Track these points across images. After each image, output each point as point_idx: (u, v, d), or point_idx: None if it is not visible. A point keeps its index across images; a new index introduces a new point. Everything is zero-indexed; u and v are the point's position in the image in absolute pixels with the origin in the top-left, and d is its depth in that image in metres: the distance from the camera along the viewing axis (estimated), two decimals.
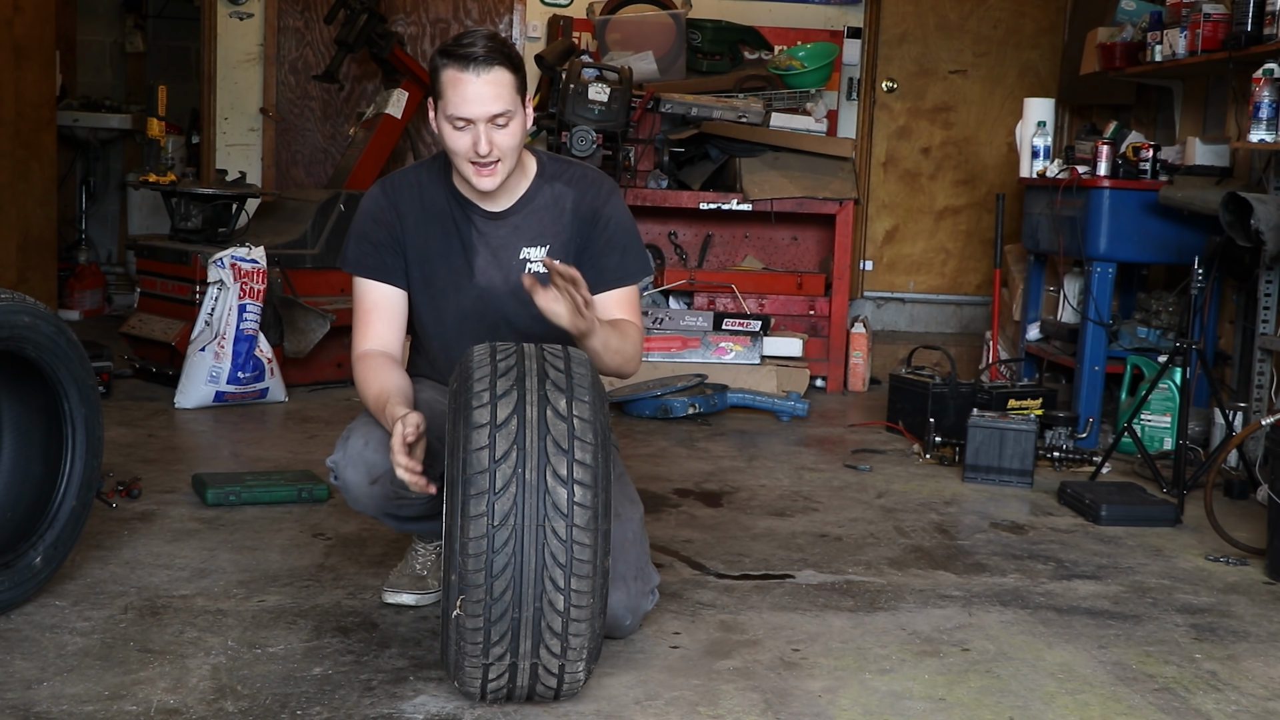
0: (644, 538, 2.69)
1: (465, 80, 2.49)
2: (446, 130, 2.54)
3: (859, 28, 7.02)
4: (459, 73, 2.50)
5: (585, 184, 2.70)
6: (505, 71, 2.51)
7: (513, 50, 2.57)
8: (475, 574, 2.12)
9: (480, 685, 2.23)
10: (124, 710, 2.24)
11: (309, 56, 7.08)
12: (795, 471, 4.40)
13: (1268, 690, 2.60)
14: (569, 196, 2.68)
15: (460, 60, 2.49)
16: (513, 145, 2.56)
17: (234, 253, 4.90)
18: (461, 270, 2.68)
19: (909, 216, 7.23)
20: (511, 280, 2.66)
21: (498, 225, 2.68)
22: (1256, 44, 4.42)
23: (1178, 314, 5.02)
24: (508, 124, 2.53)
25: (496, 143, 2.53)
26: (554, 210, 2.68)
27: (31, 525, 2.74)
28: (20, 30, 5.88)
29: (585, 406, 2.21)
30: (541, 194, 2.68)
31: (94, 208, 7.86)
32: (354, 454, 2.57)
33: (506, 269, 2.68)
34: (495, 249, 2.67)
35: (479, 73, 2.49)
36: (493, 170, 2.56)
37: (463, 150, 2.54)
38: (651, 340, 5.59)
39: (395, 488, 2.51)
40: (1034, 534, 3.73)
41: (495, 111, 2.50)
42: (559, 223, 2.67)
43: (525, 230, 2.67)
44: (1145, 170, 5.01)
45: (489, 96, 2.49)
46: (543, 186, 2.69)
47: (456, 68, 2.50)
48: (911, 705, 2.44)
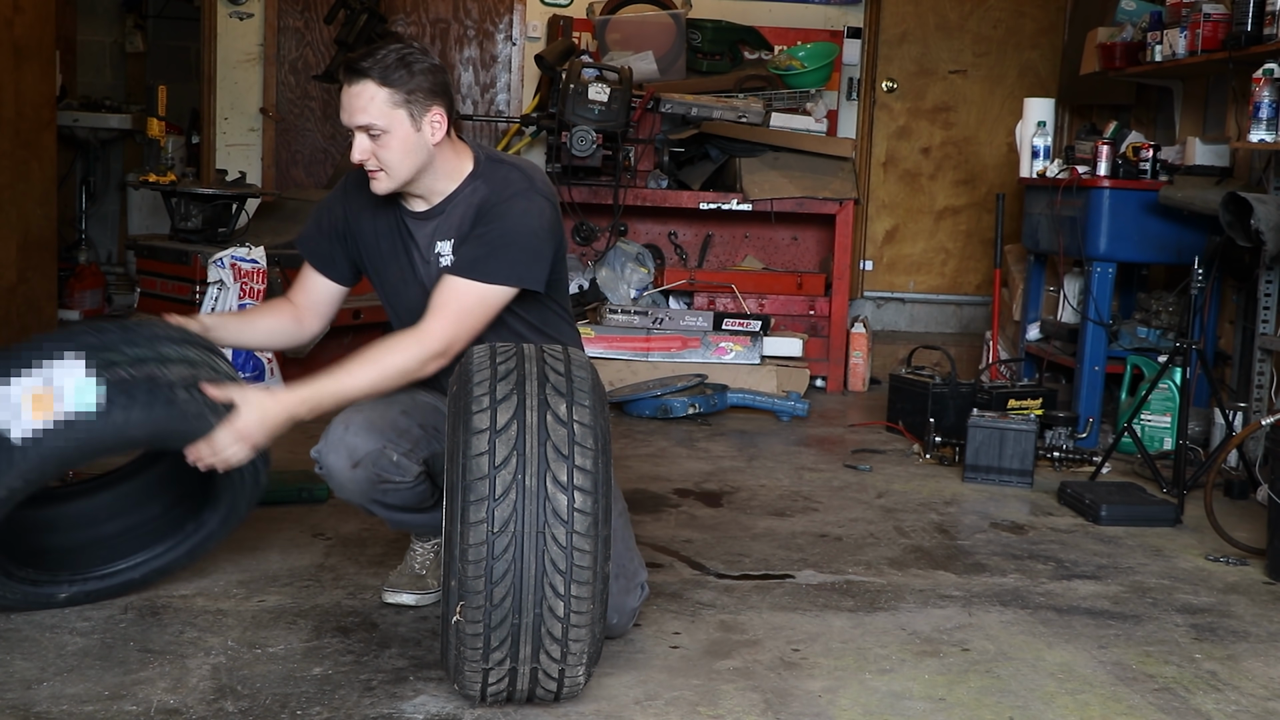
0: (627, 534, 2.68)
1: (343, 90, 2.59)
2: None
3: (859, 28, 7.02)
4: (342, 82, 2.59)
5: (500, 184, 2.65)
6: (371, 84, 2.54)
7: (400, 68, 2.55)
8: (475, 580, 2.12)
9: (480, 688, 2.23)
10: (124, 710, 2.24)
11: (309, 56, 7.08)
12: (795, 471, 4.40)
13: (1268, 690, 2.60)
14: (481, 193, 2.66)
15: (345, 69, 2.58)
16: (394, 159, 2.58)
17: (234, 253, 4.91)
18: (406, 267, 2.73)
19: (909, 216, 7.23)
20: (433, 276, 2.67)
21: (421, 225, 2.71)
22: (1256, 44, 4.42)
23: (1178, 314, 5.02)
24: (381, 137, 2.56)
25: (376, 154, 2.57)
26: (465, 207, 2.67)
27: (87, 567, 2.76)
28: (20, 30, 5.88)
29: (586, 411, 2.20)
30: (462, 193, 2.68)
31: (94, 208, 7.86)
32: (334, 439, 2.61)
33: (430, 265, 2.70)
34: (422, 248, 2.71)
35: (350, 84, 2.57)
36: (376, 176, 2.61)
37: (353, 155, 2.60)
38: (651, 340, 5.59)
39: (378, 471, 2.55)
40: (1034, 534, 3.73)
41: (360, 123, 2.56)
42: (465, 218, 2.67)
43: (442, 227, 2.69)
44: (1145, 170, 5.01)
45: (355, 109, 2.56)
46: (467, 186, 2.68)
47: (342, 75, 2.59)
48: (911, 705, 2.44)
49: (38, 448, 2.35)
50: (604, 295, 5.90)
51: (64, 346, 2.41)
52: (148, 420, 2.40)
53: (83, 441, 2.39)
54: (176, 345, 2.52)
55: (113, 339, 2.45)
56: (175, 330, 2.58)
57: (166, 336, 2.53)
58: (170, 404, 2.41)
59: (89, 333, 2.46)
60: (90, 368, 2.38)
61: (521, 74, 7.05)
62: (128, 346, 2.45)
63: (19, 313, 5.99)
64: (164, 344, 2.50)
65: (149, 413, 2.40)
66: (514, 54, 7.11)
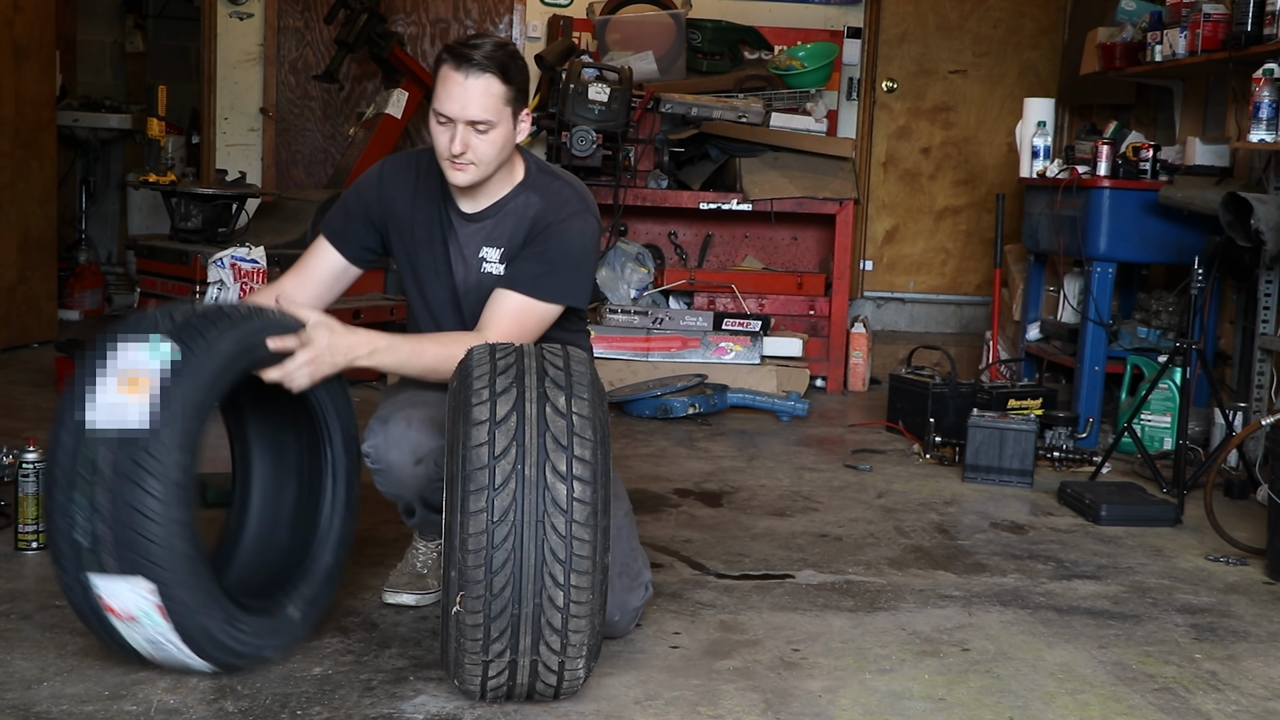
0: (631, 533, 2.69)
1: (454, 80, 2.53)
2: (432, 124, 2.60)
3: (859, 28, 7.02)
4: (451, 71, 2.54)
5: (556, 200, 2.68)
6: (495, 81, 2.53)
7: (514, 63, 2.57)
8: (475, 570, 2.13)
9: (480, 683, 2.23)
10: (124, 710, 2.25)
11: (309, 56, 7.08)
12: (795, 471, 4.40)
13: (1268, 690, 2.60)
14: (535, 207, 2.68)
15: (456, 59, 2.54)
16: (490, 154, 2.58)
17: (234, 253, 4.91)
18: (441, 259, 2.73)
19: (909, 216, 7.23)
20: (471, 278, 2.71)
21: (467, 224, 2.71)
22: (1256, 44, 4.42)
23: (1178, 314, 5.02)
24: (487, 132, 2.55)
25: (472, 146, 2.55)
26: (518, 217, 2.69)
27: (286, 576, 2.59)
28: (20, 30, 5.88)
29: (584, 403, 2.21)
30: (515, 201, 2.69)
31: (94, 208, 7.86)
32: (397, 435, 2.60)
33: (469, 266, 2.71)
34: (463, 245, 2.71)
35: (468, 75, 2.52)
36: (464, 168, 2.58)
37: (441, 147, 2.58)
38: (651, 340, 5.59)
39: (438, 468, 2.56)
40: (1034, 534, 3.73)
41: (474, 118, 2.53)
42: (517, 229, 2.68)
43: (489, 232, 2.70)
44: (1145, 170, 5.01)
45: (471, 101, 2.52)
46: (520, 194, 2.70)
47: (451, 65, 2.54)
48: (911, 705, 2.44)
49: (169, 418, 2.20)
50: (604, 295, 5.90)
51: (113, 337, 2.29)
52: (231, 338, 2.30)
53: (195, 384, 2.23)
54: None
55: (152, 317, 2.34)
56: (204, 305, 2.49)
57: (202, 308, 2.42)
58: (245, 319, 2.34)
59: (129, 320, 2.35)
60: (144, 334, 2.27)
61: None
62: (174, 313, 2.35)
63: (19, 312, 5.99)
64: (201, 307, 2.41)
65: (228, 331, 2.30)
66: None
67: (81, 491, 2.16)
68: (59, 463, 2.19)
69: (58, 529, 2.19)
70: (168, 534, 2.16)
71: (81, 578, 2.18)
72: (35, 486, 3.08)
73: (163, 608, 2.18)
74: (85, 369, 2.25)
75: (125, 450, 2.16)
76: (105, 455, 2.15)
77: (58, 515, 2.19)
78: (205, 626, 2.24)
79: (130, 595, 2.18)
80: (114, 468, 2.15)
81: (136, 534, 2.15)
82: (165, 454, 2.17)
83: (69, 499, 2.17)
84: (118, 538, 2.15)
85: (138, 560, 2.15)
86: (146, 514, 2.15)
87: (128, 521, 2.15)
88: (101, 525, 2.15)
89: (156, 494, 2.15)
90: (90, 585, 2.18)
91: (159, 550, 2.16)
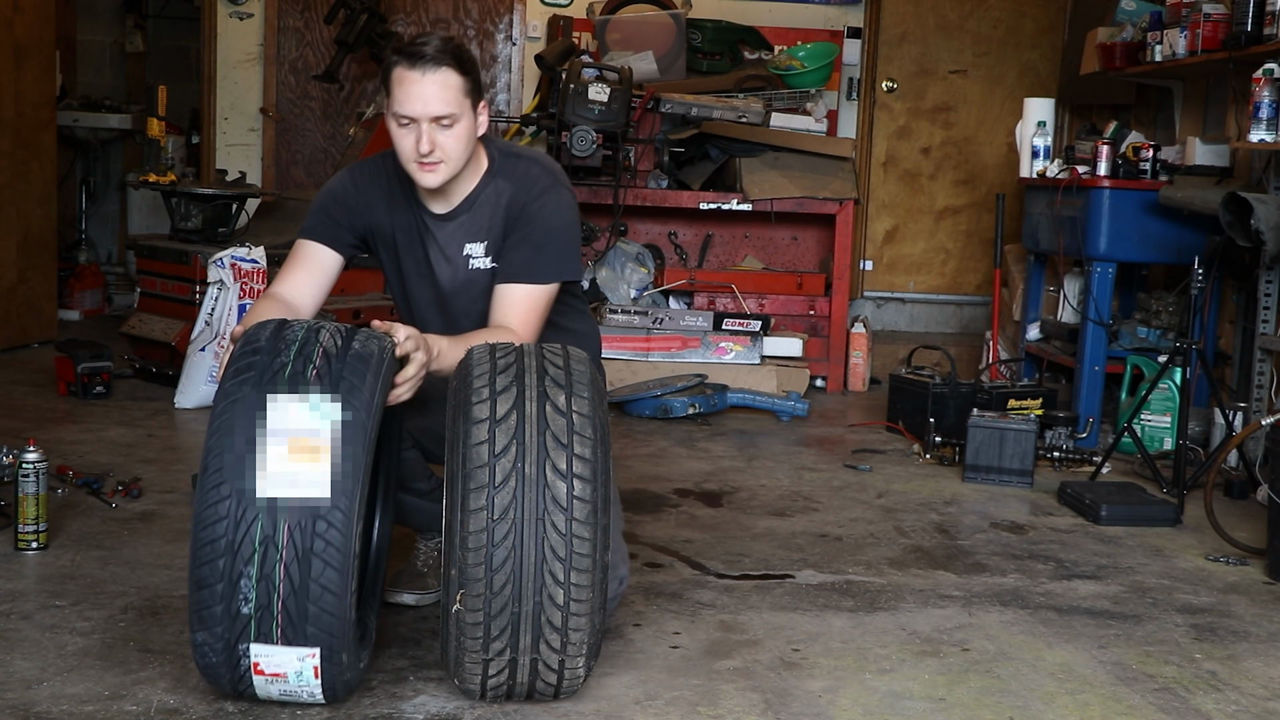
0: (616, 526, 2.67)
1: (410, 79, 2.50)
2: (393, 128, 2.55)
3: (859, 28, 7.02)
4: (406, 70, 2.51)
5: (525, 181, 2.67)
6: (453, 73, 2.51)
7: (465, 53, 2.56)
8: (475, 568, 2.13)
9: (480, 682, 2.23)
10: (124, 710, 2.24)
11: (309, 56, 7.08)
12: (795, 471, 4.40)
13: (1268, 690, 2.60)
14: (507, 193, 2.67)
15: (409, 58, 2.51)
16: (458, 149, 2.56)
17: (234, 253, 4.90)
18: (422, 261, 2.72)
19: (909, 216, 7.23)
20: (459, 277, 2.70)
21: (443, 225, 2.70)
22: (1256, 44, 4.42)
23: (1178, 314, 5.02)
24: (452, 125, 2.53)
25: (439, 144, 2.53)
26: (492, 207, 2.68)
27: (369, 589, 2.55)
28: (20, 30, 5.88)
29: (584, 402, 2.22)
30: (486, 191, 2.68)
31: (94, 208, 7.86)
32: None
33: (455, 266, 2.71)
34: (444, 246, 2.71)
35: (425, 71, 2.50)
36: (434, 168, 2.56)
37: (407, 150, 2.55)
38: (651, 340, 5.59)
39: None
40: (1034, 534, 3.73)
41: (438, 113, 2.51)
42: (494, 219, 2.68)
43: (468, 227, 2.69)
44: (1145, 170, 5.01)
45: (432, 96, 2.50)
46: (488, 184, 2.68)
47: (405, 65, 2.51)
48: (911, 705, 2.44)
49: (347, 486, 2.11)
50: (604, 295, 5.90)
51: (246, 394, 2.14)
52: (372, 385, 2.19)
53: (362, 444, 2.14)
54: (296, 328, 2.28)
55: (250, 358, 2.20)
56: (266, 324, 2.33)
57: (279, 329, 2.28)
58: (373, 355, 2.22)
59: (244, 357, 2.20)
60: (302, 393, 2.15)
61: (521, 74, 7.06)
62: (277, 347, 2.21)
63: (19, 313, 5.99)
64: (289, 329, 2.26)
65: (370, 376, 2.19)
66: (514, 54, 7.11)
67: (251, 563, 2.07)
68: (215, 530, 2.08)
69: (215, 598, 2.09)
70: (344, 606, 2.10)
71: (239, 646, 2.11)
72: (35, 486, 3.07)
73: (319, 669, 2.13)
74: (236, 428, 2.12)
75: (306, 522, 2.08)
76: (284, 527, 2.08)
77: (218, 584, 2.08)
78: (349, 679, 2.20)
79: (289, 660, 2.12)
80: (294, 541, 2.07)
81: (316, 607, 2.09)
82: (345, 524, 2.10)
83: (234, 569, 2.08)
84: (294, 611, 2.08)
85: (311, 632, 2.10)
86: (327, 588, 2.08)
87: (306, 595, 2.08)
88: (275, 598, 2.08)
89: (337, 567, 2.09)
90: (245, 652, 2.11)
91: (333, 622, 2.10)
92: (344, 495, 2.10)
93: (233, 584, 2.08)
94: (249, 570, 2.08)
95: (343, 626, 2.11)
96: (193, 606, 2.11)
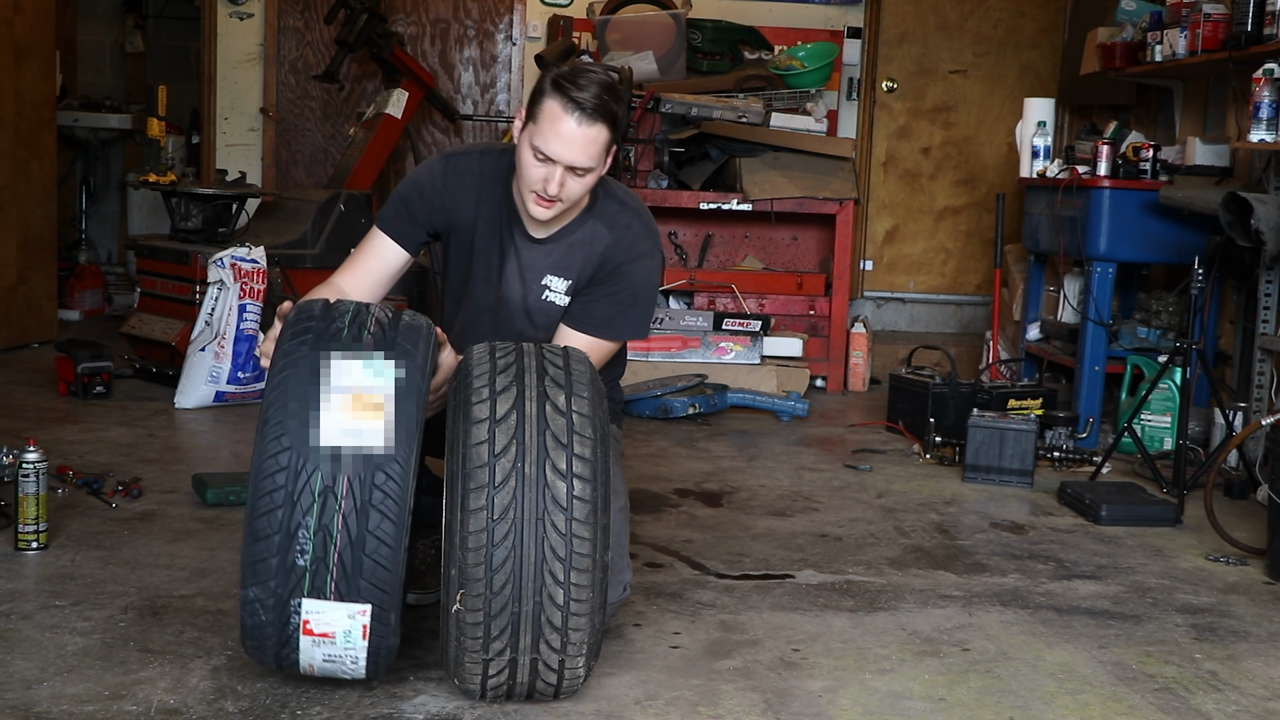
0: (624, 531, 2.69)
1: (564, 122, 2.47)
2: (525, 155, 2.52)
3: (859, 28, 7.02)
4: (562, 112, 2.47)
5: (626, 235, 2.67)
6: (605, 130, 2.50)
7: (620, 108, 2.53)
8: (475, 568, 2.13)
9: (480, 682, 2.23)
10: (124, 710, 2.24)
11: (309, 56, 7.08)
12: (795, 471, 4.40)
13: (1268, 690, 2.60)
14: (605, 240, 2.67)
15: (570, 102, 2.47)
16: (580, 193, 2.56)
17: (234, 253, 4.90)
18: (495, 269, 2.72)
19: (909, 216, 7.23)
20: (528, 300, 2.71)
21: (532, 248, 2.70)
22: (1256, 44, 4.42)
23: (1178, 314, 5.02)
24: (584, 176, 2.53)
25: (566, 187, 2.52)
26: (586, 249, 2.68)
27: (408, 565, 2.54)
28: (20, 30, 5.89)
29: (584, 402, 2.22)
30: (582, 229, 2.68)
31: (94, 208, 7.86)
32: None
33: (527, 288, 2.71)
34: (524, 266, 2.70)
35: (580, 123, 2.47)
36: (551, 206, 2.55)
37: (533, 180, 2.53)
38: (651, 340, 5.59)
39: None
40: (1034, 534, 3.73)
41: (579, 165, 2.49)
42: (586, 261, 2.68)
43: (556, 260, 2.69)
44: (1145, 170, 5.01)
45: (579, 150, 2.48)
46: (586, 222, 2.68)
47: (562, 105, 2.47)
48: (911, 705, 2.44)
49: (404, 438, 2.14)
50: None
51: (305, 353, 2.17)
52: (426, 352, 2.23)
53: (417, 403, 2.17)
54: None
55: (307, 323, 2.24)
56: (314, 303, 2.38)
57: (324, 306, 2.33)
58: (420, 327, 2.27)
59: (299, 322, 2.24)
60: (359, 351, 2.18)
61: (522, 74, 7.05)
62: (331, 316, 2.26)
63: (19, 312, 6.00)
64: (340, 304, 2.31)
65: (423, 344, 2.23)
66: (514, 54, 7.11)
67: (310, 514, 2.08)
68: (274, 480, 2.09)
69: (272, 549, 2.09)
70: (397, 560, 2.12)
71: (291, 602, 2.11)
72: (35, 486, 3.07)
73: (368, 628, 2.14)
74: (296, 383, 2.14)
75: (366, 474, 2.10)
76: (343, 478, 2.09)
77: (275, 535, 2.09)
78: (391, 645, 2.20)
79: (339, 617, 2.12)
80: (353, 491, 2.09)
81: (371, 560, 2.10)
82: (403, 477, 2.12)
83: (292, 519, 2.08)
84: (349, 564, 2.09)
85: (365, 586, 2.11)
86: (384, 540, 2.10)
87: (363, 547, 2.09)
88: (331, 550, 2.09)
89: (394, 519, 2.11)
90: (297, 608, 2.12)
91: (387, 576, 2.12)
92: (403, 447, 2.13)
93: (290, 535, 2.09)
94: (307, 520, 2.09)
95: (395, 583, 2.13)
96: (246, 560, 2.12)
